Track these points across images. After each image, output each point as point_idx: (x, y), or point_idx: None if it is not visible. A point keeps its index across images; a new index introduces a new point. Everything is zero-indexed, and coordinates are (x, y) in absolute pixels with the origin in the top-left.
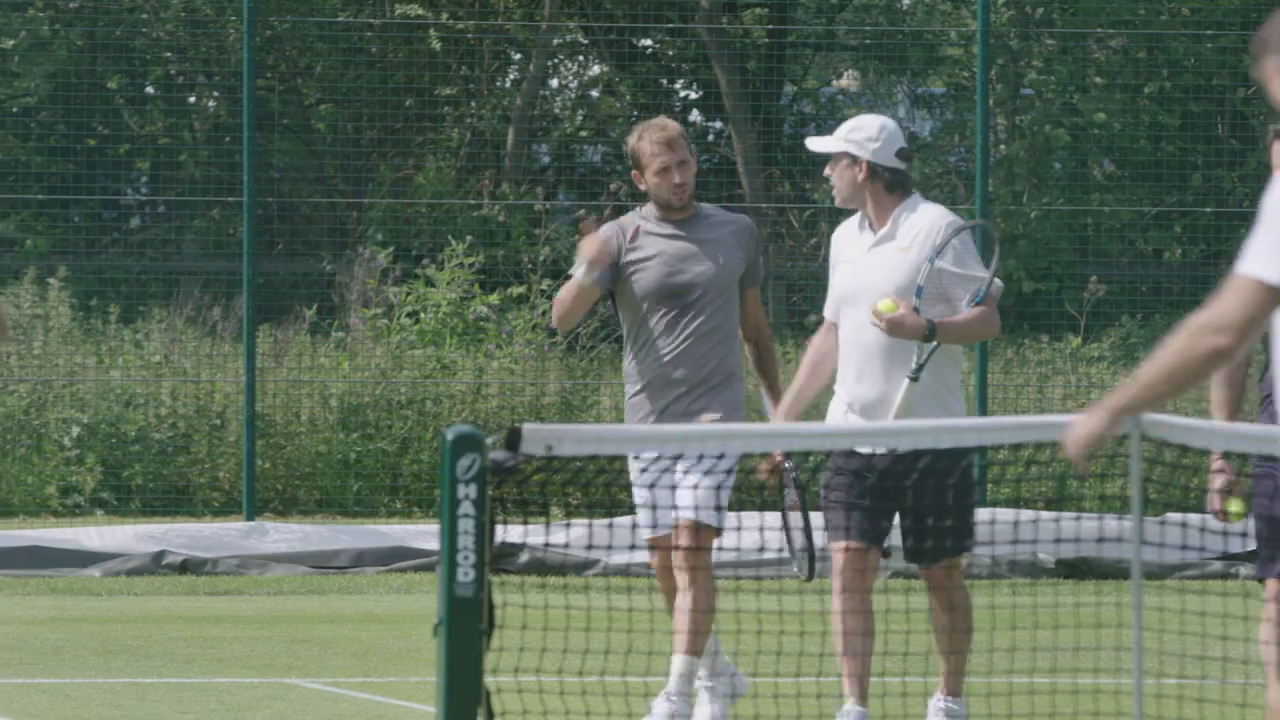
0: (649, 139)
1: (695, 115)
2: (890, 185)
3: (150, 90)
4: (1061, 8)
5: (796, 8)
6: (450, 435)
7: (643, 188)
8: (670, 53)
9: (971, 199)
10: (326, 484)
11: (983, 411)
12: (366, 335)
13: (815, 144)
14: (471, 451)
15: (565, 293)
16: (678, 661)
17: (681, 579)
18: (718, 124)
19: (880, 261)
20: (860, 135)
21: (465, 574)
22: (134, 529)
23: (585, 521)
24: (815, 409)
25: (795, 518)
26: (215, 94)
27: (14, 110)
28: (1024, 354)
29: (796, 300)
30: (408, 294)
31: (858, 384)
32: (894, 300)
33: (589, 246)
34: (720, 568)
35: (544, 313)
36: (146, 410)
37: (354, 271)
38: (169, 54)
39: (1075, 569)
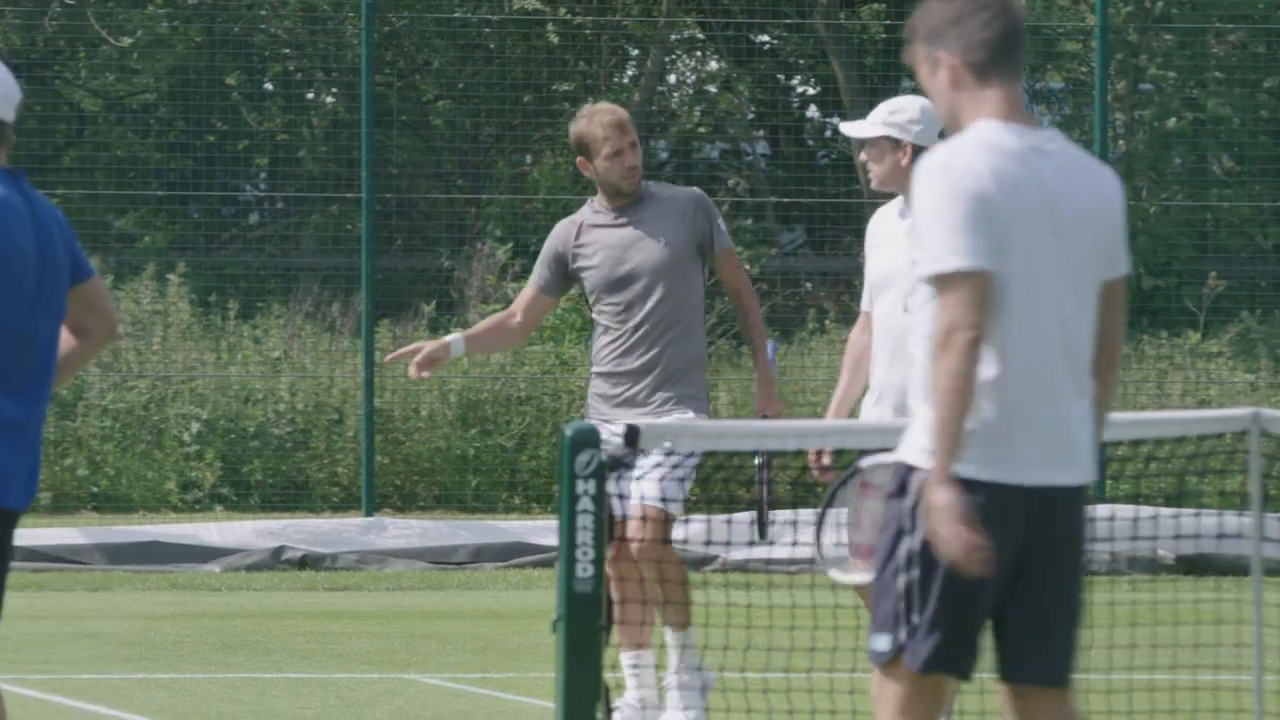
0: (599, 122)
1: (813, 110)
2: None
3: (269, 86)
4: (1180, 2)
5: (914, 2)
6: (569, 431)
7: (588, 174)
8: (788, 48)
9: None
10: (445, 480)
11: None
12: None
13: (852, 129)
14: (590, 447)
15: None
16: (672, 637)
17: (649, 570)
18: (835, 119)
19: None
20: (902, 118)
21: (584, 570)
22: (253, 524)
23: (704, 517)
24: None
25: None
26: (333, 90)
27: (134, 107)
28: (1143, 350)
29: None
30: None
31: (889, 370)
32: None
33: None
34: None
35: None
36: (265, 406)
37: (472, 267)
38: (287, 50)
39: (1195, 565)
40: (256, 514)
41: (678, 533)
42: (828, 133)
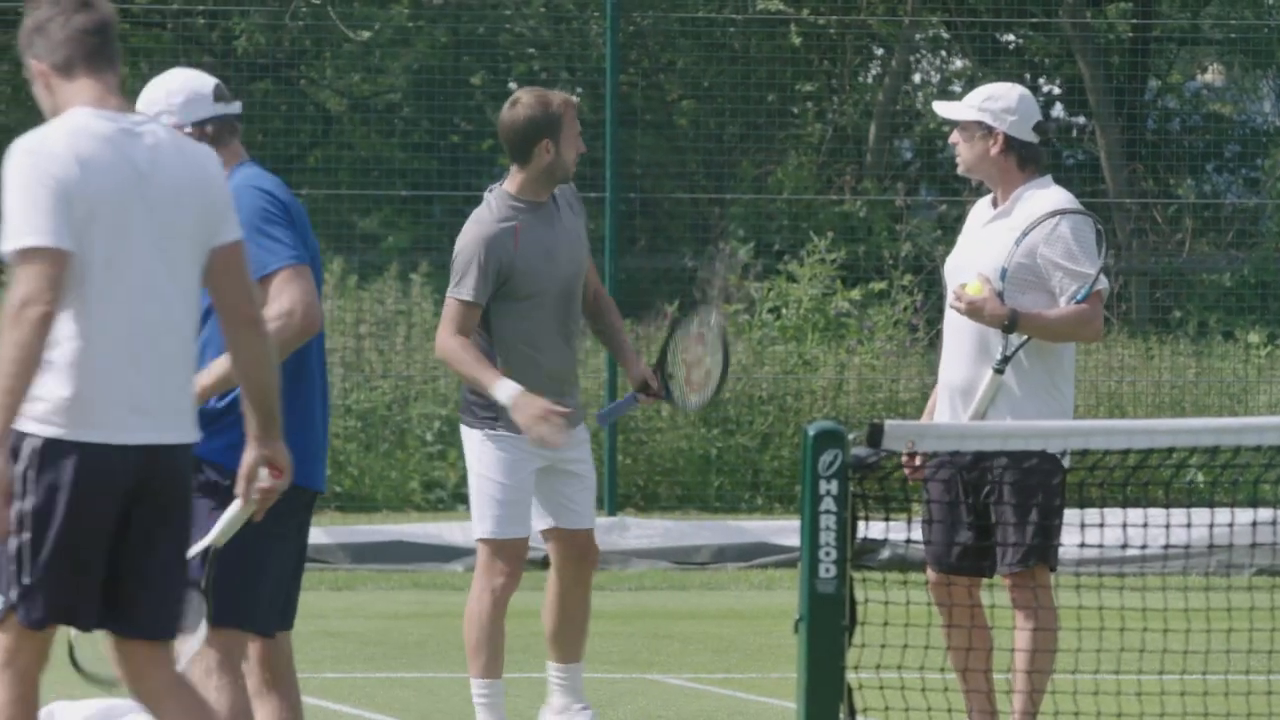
0: (559, 101)
1: (1058, 110)
2: (1023, 161)
3: (513, 86)
4: None
5: (1161, 2)
6: (812, 431)
7: (546, 157)
8: (1034, 47)
9: None
10: (687, 480)
11: None
12: (728, 331)
13: (945, 109)
14: (833, 447)
15: (469, 370)
16: (558, 671)
17: (559, 590)
18: (1081, 119)
19: (990, 239)
20: (997, 105)
21: (827, 570)
22: None
23: None
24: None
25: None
26: (578, 89)
27: (378, 107)
28: None
29: (1160, 296)
30: (769, 290)
31: (948, 367)
32: (981, 282)
33: (546, 430)
34: (1084, 564)
35: (905, 308)
36: None
37: (715, 267)
38: (532, 50)
39: None
40: None
41: (921, 533)
42: (1073, 133)
